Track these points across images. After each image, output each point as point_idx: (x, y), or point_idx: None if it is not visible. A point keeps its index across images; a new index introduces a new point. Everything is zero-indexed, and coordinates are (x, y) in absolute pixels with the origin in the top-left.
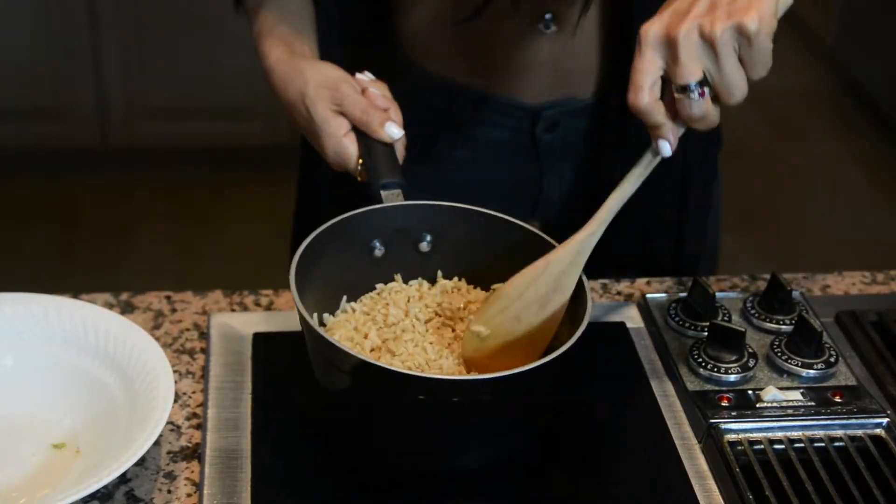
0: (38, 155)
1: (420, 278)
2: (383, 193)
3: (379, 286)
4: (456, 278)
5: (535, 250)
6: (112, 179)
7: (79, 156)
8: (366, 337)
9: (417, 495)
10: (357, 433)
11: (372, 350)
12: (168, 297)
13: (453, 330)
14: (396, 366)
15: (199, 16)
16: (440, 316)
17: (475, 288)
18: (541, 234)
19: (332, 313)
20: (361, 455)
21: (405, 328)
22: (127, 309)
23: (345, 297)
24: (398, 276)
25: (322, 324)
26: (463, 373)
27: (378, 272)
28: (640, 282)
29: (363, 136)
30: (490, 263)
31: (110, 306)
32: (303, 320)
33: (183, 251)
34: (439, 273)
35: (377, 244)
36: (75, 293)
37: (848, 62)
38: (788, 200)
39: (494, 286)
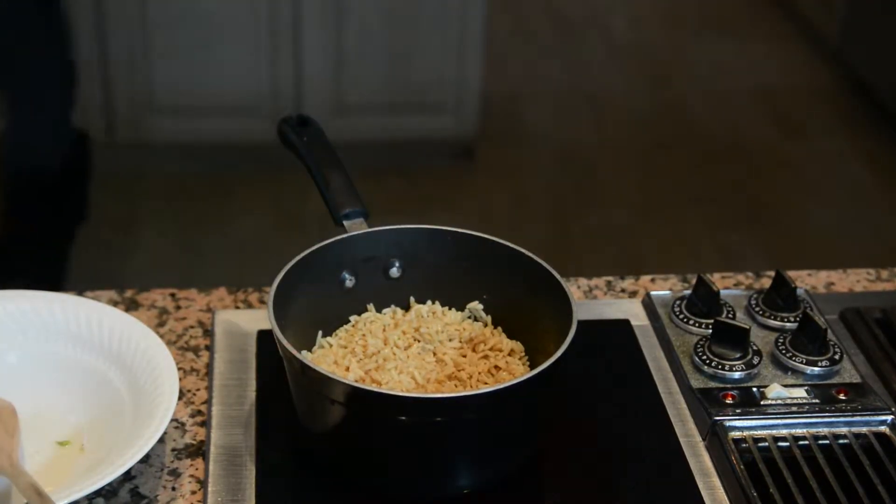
0: None
1: (393, 305)
2: (346, 223)
3: (353, 318)
4: (430, 301)
5: (507, 262)
6: (117, 176)
7: None
8: (347, 370)
9: None
10: (347, 462)
11: (356, 381)
12: (173, 295)
13: (434, 354)
14: None
15: (204, 13)
16: (419, 341)
17: (450, 309)
18: (511, 245)
19: (310, 350)
20: (358, 483)
21: (386, 357)
22: (132, 306)
23: (320, 333)
24: (371, 306)
25: None
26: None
27: (350, 303)
28: (645, 279)
29: (319, 169)
30: (462, 282)
31: (115, 303)
32: (288, 354)
33: (188, 248)
34: (412, 298)
35: (346, 275)
36: (80, 290)
37: (852, 61)
38: (793, 198)
39: (470, 305)
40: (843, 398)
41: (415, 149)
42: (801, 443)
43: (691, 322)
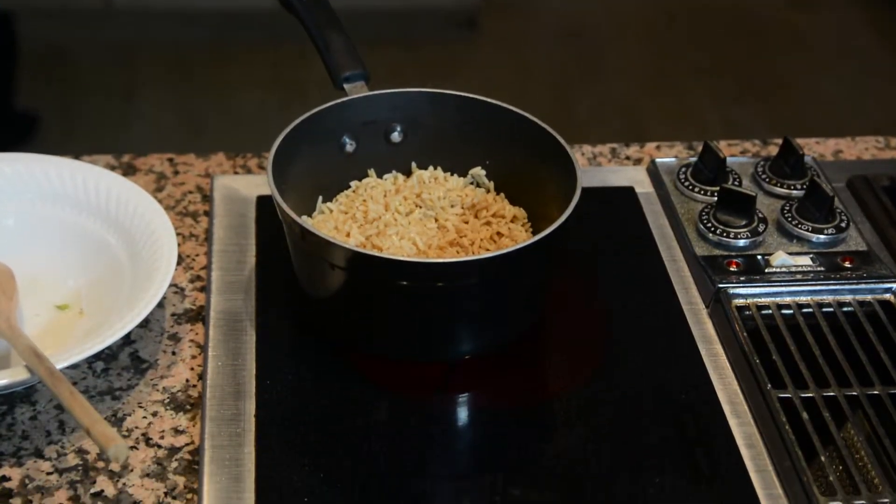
0: (40, 18)
1: (394, 171)
2: (347, 87)
3: (354, 183)
4: (431, 167)
5: (511, 127)
6: (115, 43)
7: (82, 18)
8: (348, 235)
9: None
10: (348, 327)
11: (357, 247)
12: (171, 160)
13: (436, 220)
14: None
15: None
16: (420, 207)
17: (452, 175)
18: (515, 109)
19: (310, 215)
20: (358, 348)
21: (388, 223)
22: (129, 171)
23: (320, 198)
24: (372, 171)
25: None
26: None
27: (351, 169)
28: (650, 146)
29: (319, 30)
30: (465, 147)
31: (112, 168)
32: (288, 219)
33: (187, 117)
34: (413, 164)
35: (347, 139)
36: (76, 154)
37: None
38: (800, 68)
39: (472, 171)
40: (849, 266)
41: (416, 18)
42: (804, 310)
43: (696, 189)
